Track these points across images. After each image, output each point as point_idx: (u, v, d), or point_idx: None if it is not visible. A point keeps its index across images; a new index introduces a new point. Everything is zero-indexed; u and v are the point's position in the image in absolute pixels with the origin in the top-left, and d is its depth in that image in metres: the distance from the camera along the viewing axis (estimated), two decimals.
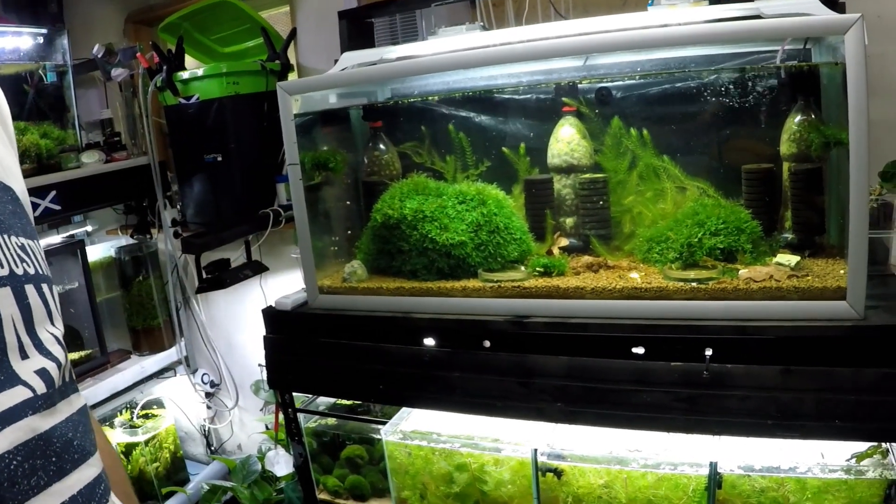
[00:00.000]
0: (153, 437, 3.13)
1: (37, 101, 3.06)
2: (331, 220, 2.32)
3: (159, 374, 3.15)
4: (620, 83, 1.99)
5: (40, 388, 0.60)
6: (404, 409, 2.21)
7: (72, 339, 3.01)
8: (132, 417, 3.16)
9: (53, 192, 2.70)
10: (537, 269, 1.91)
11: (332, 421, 2.34)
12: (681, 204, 1.91)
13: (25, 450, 0.56)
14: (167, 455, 3.18)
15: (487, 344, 1.86)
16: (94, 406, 2.89)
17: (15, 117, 2.66)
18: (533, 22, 2.28)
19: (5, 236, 0.62)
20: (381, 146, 2.25)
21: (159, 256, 3.11)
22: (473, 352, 1.88)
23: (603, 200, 2.01)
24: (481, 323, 1.87)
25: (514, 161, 2.12)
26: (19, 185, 0.75)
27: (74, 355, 2.95)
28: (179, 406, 3.32)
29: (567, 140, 2.02)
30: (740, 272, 1.68)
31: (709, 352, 1.59)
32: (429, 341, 1.94)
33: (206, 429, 3.28)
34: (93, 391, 2.86)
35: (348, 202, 2.34)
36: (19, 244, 0.65)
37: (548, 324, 1.80)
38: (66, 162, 2.84)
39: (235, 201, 2.69)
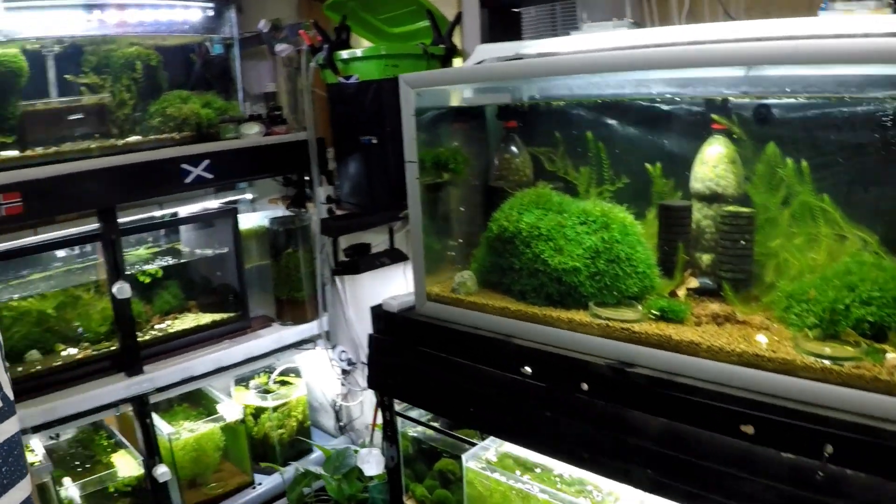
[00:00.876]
0: (283, 405, 3.26)
1: (203, 71, 3.22)
2: (451, 223, 2.25)
3: (298, 344, 3.26)
4: (782, 102, 1.70)
5: None
6: None
7: (217, 301, 3.19)
8: (268, 382, 3.30)
9: (207, 161, 2.82)
10: (653, 311, 1.72)
11: (430, 430, 2.29)
12: (836, 256, 1.62)
13: None
14: (294, 423, 3.30)
15: (585, 387, 1.72)
16: (231, 367, 3.04)
17: (180, 86, 2.82)
18: (699, 20, 2.03)
19: None
20: (514, 148, 2.13)
21: (311, 231, 3.18)
22: (569, 392, 1.74)
23: (745, 239, 1.76)
24: (582, 363, 1.73)
25: (652, 181, 1.91)
26: None
27: (217, 316, 3.12)
28: (315, 378, 3.42)
29: (713, 163, 1.79)
30: (888, 357, 1.39)
31: (829, 449, 1.34)
32: (527, 370, 1.82)
33: (338, 404, 3.36)
34: (229, 352, 3.01)
35: (471, 206, 2.24)
36: None
37: (652, 378, 1.61)
38: (225, 132, 2.97)
39: (387, 185, 2.68)
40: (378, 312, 2.26)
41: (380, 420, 2.34)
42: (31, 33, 2.72)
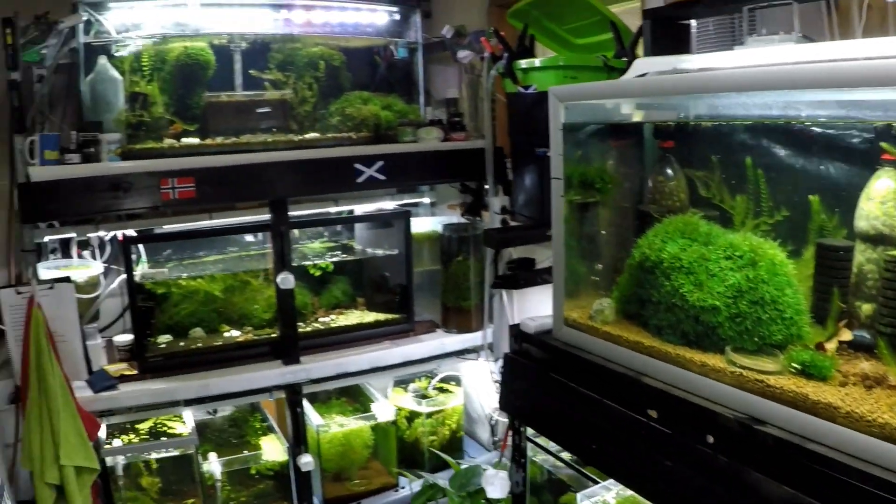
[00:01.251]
0: (438, 412, 3.29)
1: (387, 74, 3.31)
2: (597, 246, 2.15)
3: (460, 353, 3.27)
4: None
5: None
6: None
7: (384, 301, 3.28)
8: (427, 387, 3.35)
9: (381, 163, 2.91)
10: (794, 364, 1.54)
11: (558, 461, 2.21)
12: None
13: None
14: (446, 432, 3.32)
15: (710, 440, 1.58)
16: (387, 368, 3.12)
17: (364, 88, 2.94)
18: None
19: None
20: (669, 171, 2.00)
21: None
22: (693, 443, 1.60)
23: None
24: (710, 413, 1.59)
25: (812, 215, 1.71)
26: None
27: (382, 316, 3.22)
28: (475, 389, 3.42)
29: (881, 199, 1.57)
30: None
31: None
32: (652, 414, 1.70)
33: (494, 419, 3.33)
34: (388, 353, 3.09)
35: (620, 229, 2.13)
36: None
37: (781, 440, 1.45)
38: (402, 135, 3.04)
39: None
40: (516, 332, 2.23)
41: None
42: (219, 29, 2.96)
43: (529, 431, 2.27)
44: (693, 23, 2.24)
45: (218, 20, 2.96)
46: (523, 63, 2.67)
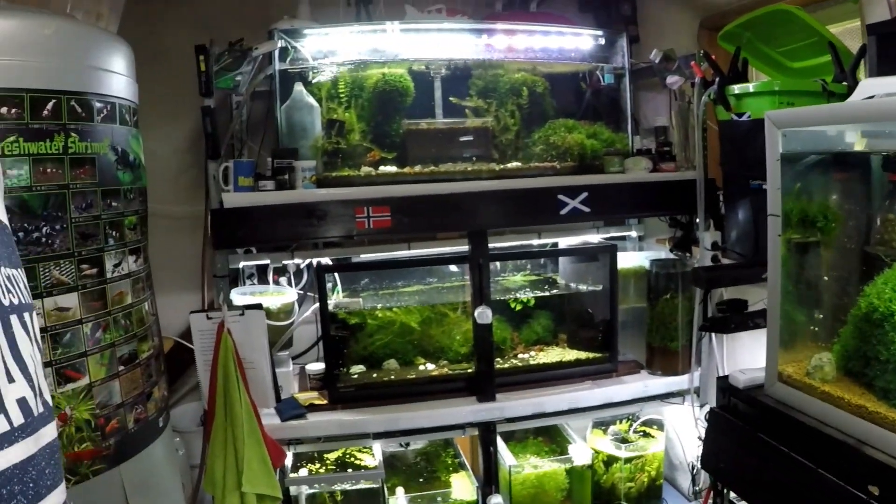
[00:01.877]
0: (638, 457, 3.16)
1: (593, 101, 3.23)
2: (818, 292, 1.97)
3: (664, 397, 3.10)
4: None
5: (18, 419, 0.70)
6: None
7: (586, 339, 3.19)
8: (628, 431, 3.22)
9: (585, 194, 2.83)
10: None
11: None
12: None
13: (2, 478, 0.66)
14: (645, 479, 3.18)
15: None
16: (586, 409, 3.00)
17: (569, 115, 2.90)
18: None
19: None
20: None
21: None
22: None
23: None
24: None
25: None
26: (3, 214, 0.82)
27: (583, 354, 3.12)
28: (678, 434, 3.25)
29: None
30: None
31: None
32: (873, 490, 1.53)
33: (696, 468, 3.13)
34: (588, 394, 2.97)
35: (843, 274, 1.93)
36: (6, 275, 0.74)
37: None
38: (609, 165, 2.96)
39: None
40: (723, 385, 2.09)
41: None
42: (419, 55, 3.00)
43: (732, 495, 2.12)
44: None
45: (417, 46, 3.01)
46: (736, 88, 2.52)
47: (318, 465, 2.98)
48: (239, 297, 2.90)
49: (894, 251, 1.78)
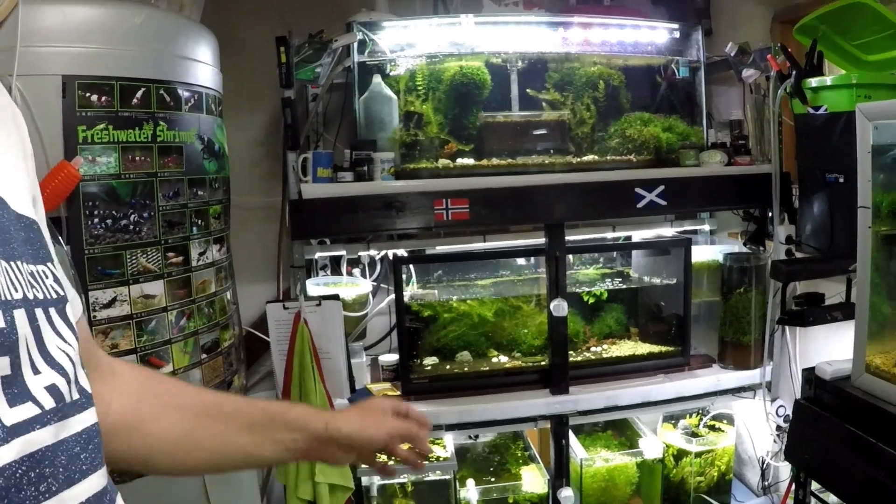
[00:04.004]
0: (708, 451, 3.32)
1: (668, 94, 3.39)
2: None
3: (736, 391, 3.25)
4: None
5: (48, 403, 0.77)
6: None
7: (658, 332, 3.36)
8: (698, 425, 3.40)
9: (661, 187, 2.99)
10: None
11: None
12: None
13: (31, 460, 0.73)
14: (715, 473, 3.34)
15: None
16: (659, 403, 3.16)
17: (644, 108, 3.09)
18: None
19: (18, 262, 0.79)
20: None
21: (766, 272, 3.18)
22: None
23: None
24: None
25: None
26: (36, 213, 0.89)
27: (655, 348, 3.29)
28: (748, 429, 3.41)
29: None
30: None
31: None
32: None
33: (766, 462, 3.30)
34: (660, 388, 3.13)
35: None
36: (29, 271, 0.80)
37: None
38: (685, 159, 3.12)
39: (850, 231, 2.61)
40: (809, 377, 2.25)
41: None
42: (495, 48, 3.17)
43: (814, 485, 2.28)
44: None
45: (494, 39, 3.17)
46: (813, 82, 2.67)
47: (389, 457, 3.16)
48: (314, 287, 3.09)
49: None
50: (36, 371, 0.76)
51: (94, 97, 2.11)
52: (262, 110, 3.43)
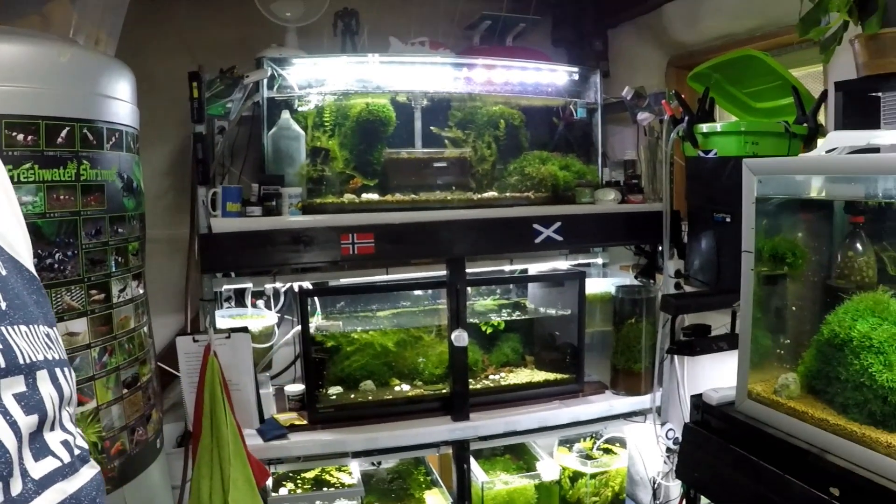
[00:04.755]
0: (602, 473, 3.51)
1: (566, 134, 3.60)
2: (784, 319, 2.32)
3: (628, 416, 3.46)
4: None
5: (65, 457, 0.84)
6: None
7: (554, 361, 3.53)
8: (592, 448, 3.58)
9: (559, 224, 3.19)
10: None
11: None
12: None
13: None
14: (609, 493, 3.53)
15: None
16: (556, 427, 3.34)
17: (543, 147, 3.25)
18: None
19: (35, 326, 0.85)
20: (858, 246, 2.17)
21: (656, 303, 3.38)
22: None
23: None
24: (893, 494, 1.75)
25: None
26: (32, 268, 0.96)
27: (551, 375, 3.46)
28: (640, 451, 3.61)
29: None
30: None
31: None
32: (834, 492, 1.87)
33: (657, 482, 3.50)
34: (557, 413, 3.31)
35: (807, 304, 2.30)
36: (45, 332, 0.87)
37: None
38: (580, 196, 3.31)
39: (735, 268, 2.82)
40: (697, 402, 2.42)
41: None
42: (401, 86, 3.30)
43: (704, 501, 2.45)
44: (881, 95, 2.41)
45: (399, 77, 3.31)
46: (704, 127, 2.89)
47: (296, 484, 3.22)
48: (220, 319, 3.12)
49: (853, 284, 2.15)
50: (52, 428, 0.83)
51: (21, 136, 2.12)
52: (167, 143, 3.46)
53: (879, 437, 1.83)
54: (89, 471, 0.88)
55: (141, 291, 2.63)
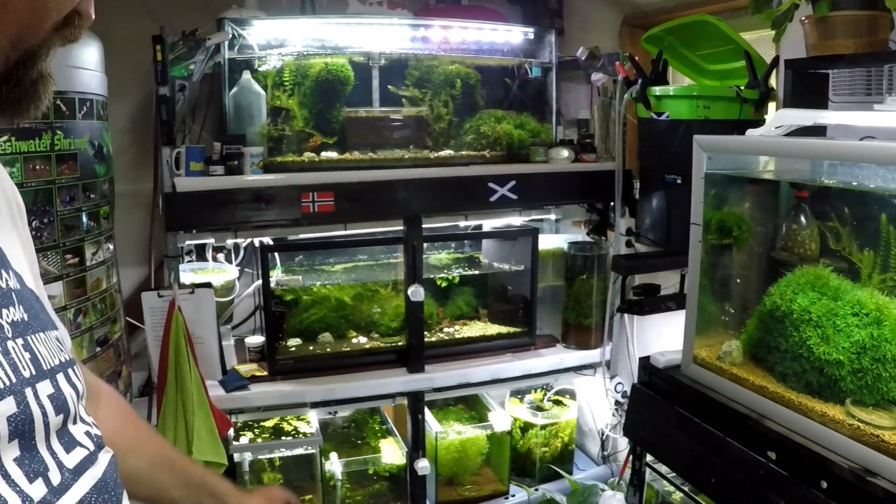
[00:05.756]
0: (552, 424, 3.63)
1: (521, 93, 3.62)
2: (729, 289, 2.41)
3: (578, 369, 3.57)
4: None
5: (90, 446, 0.93)
6: None
7: (506, 314, 3.61)
8: (543, 400, 3.69)
9: (513, 182, 3.24)
10: None
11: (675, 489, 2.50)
12: None
13: (96, 490, 0.90)
14: (558, 444, 3.66)
15: (824, 485, 1.85)
16: (508, 380, 3.46)
17: (498, 105, 3.28)
18: None
19: (47, 332, 0.92)
20: (802, 219, 2.25)
21: (607, 260, 3.47)
22: (807, 487, 1.88)
23: None
24: (826, 461, 1.85)
25: None
26: (34, 281, 1.00)
27: (504, 329, 3.55)
28: (589, 403, 3.73)
29: None
30: None
31: None
32: (771, 455, 1.98)
33: (605, 434, 3.64)
34: (509, 366, 3.41)
35: (751, 274, 2.39)
36: (55, 336, 0.94)
37: (891, 493, 1.72)
38: (534, 155, 3.36)
39: (685, 229, 2.90)
40: (645, 364, 2.52)
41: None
42: (360, 46, 3.31)
43: (649, 458, 2.57)
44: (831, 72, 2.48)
45: (358, 38, 3.30)
46: (657, 90, 2.94)
47: (256, 433, 3.29)
48: (182, 274, 3.14)
49: (796, 257, 2.24)
50: (74, 422, 0.91)
51: None
52: (127, 101, 3.40)
53: (815, 406, 1.94)
54: (106, 455, 0.96)
55: (111, 252, 2.66)
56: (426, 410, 3.40)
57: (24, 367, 0.82)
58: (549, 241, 3.68)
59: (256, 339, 3.35)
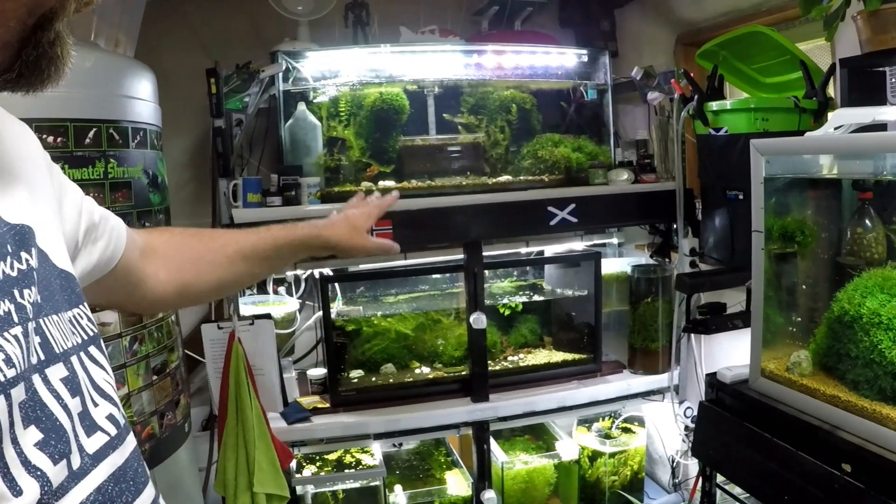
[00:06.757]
0: (621, 452, 3.52)
1: (577, 116, 3.58)
2: (795, 297, 2.32)
3: (645, 394, 3.47)
4: None
5: (112, 430, 0.90)
6: None
7: (571, 341, 3.54)
8: (611, 427, 3.59)
9: (573, 205, 3.19)
10: None
11: None
12: None
13: (114, 478, 0.87)
14: (628, 472, 3.54)
15: None
16: (574, 408, 3.38)
17: (555, 129, 3.27)
18: None
19: (61, 313, 0.89)
20: (867, 222, 2.15)
21: (672, 282, 3.38)
22: (885, 498, 1.77)
23: None
24: None
25: None
26: (73, 265, 1.00)
27: (569, 356, 3.47)
28: (658, 430, 3.62)
29: None
30: None
31: None
32: (846, 468, 1.88)
33: (676, 461, 3.51)
34: (575, 393, 3.33)
35: (817, 281, 2.30)
36: (68, 318, 0.91)
37: None
38: (594, 177, 3.32)
39: (749, 245, 2.82)
40: (711, 381, 2.43)
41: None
42: (413, 74, 3.32)
43: (719, 478, 2.47)
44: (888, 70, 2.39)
45: (411, 66, 3.33)
46: (714, 105, 2.88)
47: (319, 465, 3.26)
48: (243, 306, 3.17)
49: (862, 261, 2.14)
50: (95, 404, 0.88)
51: (51, 138, 2.19)
52: (186, 136, 3.49)
53: (890, 413, 1.83)
54: (129, 444, 0.93)
55: None
56: (492, 441, 3.34)
57: (33, 352, 0.80)
58: (613, 266, 3.62)
59: (318, 371, 3.33)
